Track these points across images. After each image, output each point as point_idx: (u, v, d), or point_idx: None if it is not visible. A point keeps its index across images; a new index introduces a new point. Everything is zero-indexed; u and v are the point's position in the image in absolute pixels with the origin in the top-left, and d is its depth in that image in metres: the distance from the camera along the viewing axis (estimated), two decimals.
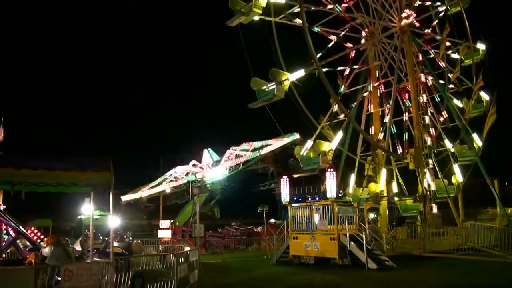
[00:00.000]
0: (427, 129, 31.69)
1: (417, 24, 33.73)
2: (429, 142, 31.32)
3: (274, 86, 27.01)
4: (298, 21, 28.79)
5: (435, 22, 34.97)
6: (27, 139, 58.42)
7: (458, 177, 31.44)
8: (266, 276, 18.94)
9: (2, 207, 16.26)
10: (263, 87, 27.52)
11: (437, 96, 34.57)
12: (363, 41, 33.24)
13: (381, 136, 32.14)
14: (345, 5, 32.10)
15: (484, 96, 33.90)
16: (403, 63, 33.39)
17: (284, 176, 25.70)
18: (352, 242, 20.48)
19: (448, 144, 33.14)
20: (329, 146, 28.77)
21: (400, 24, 32.56)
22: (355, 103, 32.98)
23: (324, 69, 29.24)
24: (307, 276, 18.40)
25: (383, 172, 30.40)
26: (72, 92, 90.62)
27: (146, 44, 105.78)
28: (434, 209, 30.01)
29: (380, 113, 33.56)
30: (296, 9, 28.71)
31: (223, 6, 28.40)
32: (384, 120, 32.84)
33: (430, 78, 33.88)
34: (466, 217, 31.70)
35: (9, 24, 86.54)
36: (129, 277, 13.76)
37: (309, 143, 30.00)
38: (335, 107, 30.89)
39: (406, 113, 33.67)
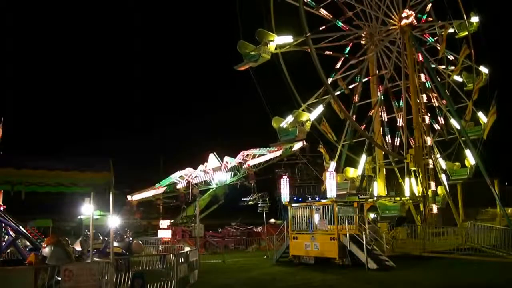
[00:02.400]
0: (427, 128, 31.77)
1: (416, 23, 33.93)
2: (429, 142, 31.36)
3: (292, 119, 27.53)
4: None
5: (430, 5, 35.25)
6: (27, 139, 58.53)
7: (470, 160, 32.27)
8: (266, 276, 18.92)
9: (2, 207, 16.25)
10: (283, 124, 27.84)
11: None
12: (362, 42, 33.31)
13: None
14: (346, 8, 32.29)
15: (483, 69, 35.13)
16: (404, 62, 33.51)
17: (284, 176, 25.69)
18: (352, 242, 20.48)
19: (454, 123, 33.47)
20: (356, 172, 29.30)
21: (400, 24, 32.61)
22: (369, 114, 33.04)
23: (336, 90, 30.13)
24: (307, 276, 18.40)
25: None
26: (72, 92, 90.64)
27: (146, 44, 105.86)
28: (434, 209, 30.02)
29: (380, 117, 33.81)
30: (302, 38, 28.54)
31: (226, 4, 28.67)
32: (398, 124, 33.37)
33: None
34: (466, 217, 31.75)
35: (9, 24, 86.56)
36: (129, 277, 13.77)
37: (333, 165, 30.36)
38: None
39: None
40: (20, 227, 16.10)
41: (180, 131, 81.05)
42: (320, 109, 28.94)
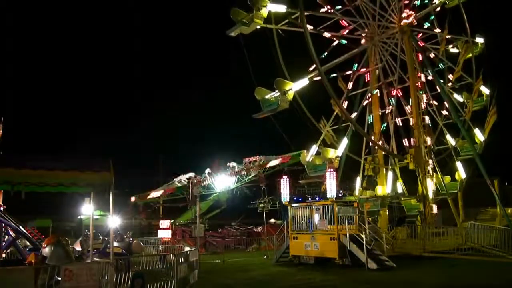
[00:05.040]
0: (427, 129, 31.73)
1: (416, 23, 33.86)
2: (429, 142, 31.38)
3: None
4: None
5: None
6: (27, 139, 58.55)
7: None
8: (266, 276, 18.94)
9: (2, 207, 16.25)
10: (309, 159, 28.25)
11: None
12: (363, 41, 33.38)
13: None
14: (348, 5, 32.44)
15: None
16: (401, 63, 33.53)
17: (284, 176, 25.69)
18: (352, 242, 20.48)
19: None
20: (384, 189, 29.46)
21: (400, 24, 32.62)
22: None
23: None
24: (307, 276, 18.40)
25: (389, 175, 30.72)
26: (72, 92, 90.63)
27: (146, 43, 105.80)
28: (434, 209, 30.03)
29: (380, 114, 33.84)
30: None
31: (224, 4, 28.66)
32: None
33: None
34: (466, 217, 31.75)
35: (9, 24, 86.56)
36: (129, 277, 13.76)
37: (359, 181, 30.85)
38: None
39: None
40: (20, 227, 16.10)
41: (181, 132, 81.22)
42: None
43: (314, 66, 28.56)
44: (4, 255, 15.80)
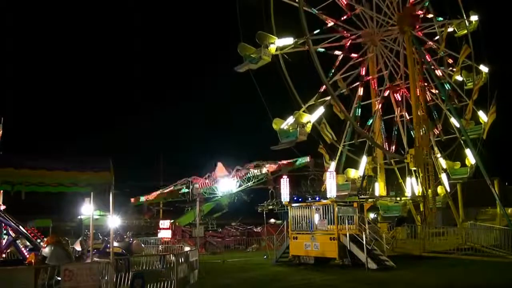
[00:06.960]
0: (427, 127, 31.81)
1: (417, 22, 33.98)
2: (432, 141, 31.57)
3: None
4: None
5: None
6: (27, 139, 58.52)
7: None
8: (266, 276, 18.93)
9: (2, 207, 16.26)
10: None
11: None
12: (362, 40, 33.45)
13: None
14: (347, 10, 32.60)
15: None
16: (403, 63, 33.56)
17: (284, 176, 25.68)
18: (352, 242, 20.47)
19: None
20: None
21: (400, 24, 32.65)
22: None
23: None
24: (307, 276, 18.40)
25: (408, 181, 31.19)
26: (72, 92, 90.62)
27: (146, 43, 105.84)
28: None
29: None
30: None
31: (225, 4, 28.77)
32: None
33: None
34: (466, 217, 31.75)
35: (9, 24, 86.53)
36: (129, 277, 13.77)
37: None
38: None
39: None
40: (20, 227, 16.10)
41: (181, 132, 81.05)
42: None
43: (324, 87, 29.07)
44: (4, 255, 15.81)
